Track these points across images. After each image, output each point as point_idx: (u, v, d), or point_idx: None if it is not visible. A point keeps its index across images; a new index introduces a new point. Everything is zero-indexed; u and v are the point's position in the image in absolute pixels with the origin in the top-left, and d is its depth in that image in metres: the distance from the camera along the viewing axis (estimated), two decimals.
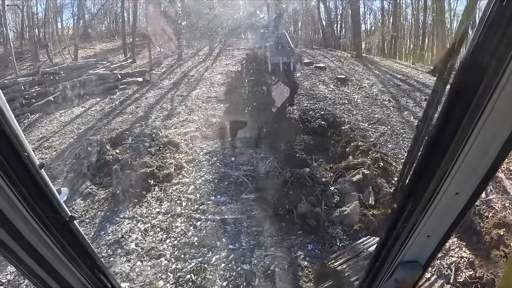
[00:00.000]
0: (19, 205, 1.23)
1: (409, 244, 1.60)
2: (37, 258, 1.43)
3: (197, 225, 8.01)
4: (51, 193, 1.35)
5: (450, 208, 1.39)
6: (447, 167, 1.24)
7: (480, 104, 1.05)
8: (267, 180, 9.00)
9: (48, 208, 1.35)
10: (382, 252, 1.75)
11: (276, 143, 10.78)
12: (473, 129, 1.10)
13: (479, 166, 1.21)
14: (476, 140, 1.13)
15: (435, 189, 1.32)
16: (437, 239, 1.56)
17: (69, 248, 1.51)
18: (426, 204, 1.39)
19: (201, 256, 7.14)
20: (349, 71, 20.09)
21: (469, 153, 1.17)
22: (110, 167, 9.95)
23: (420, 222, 1.47)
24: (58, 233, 1.42)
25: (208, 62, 22.82)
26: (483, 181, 1.26)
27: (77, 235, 1.55)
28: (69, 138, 13.40)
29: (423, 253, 1.66)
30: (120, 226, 8.15)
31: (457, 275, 6.57)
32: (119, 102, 16.89)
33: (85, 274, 1.67)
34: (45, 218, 1.34)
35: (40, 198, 1.30)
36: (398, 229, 1.58)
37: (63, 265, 1.55)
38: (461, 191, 1.31)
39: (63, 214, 1.43)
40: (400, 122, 13.29)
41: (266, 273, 6.64)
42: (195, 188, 9.31)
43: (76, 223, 1.52)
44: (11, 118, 1.16)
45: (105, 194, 9.34)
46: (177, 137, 11.99)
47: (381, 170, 9.47)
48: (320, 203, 8.19)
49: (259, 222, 7.96)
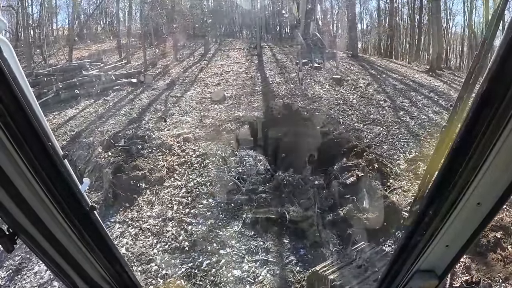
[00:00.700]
0: (42, 194, 1.26)
1: (427, 253, 1.58)
2: (56, 246, 1.48)
3: (188, 229, 7.89)
4: (73, 183, 1.38)
5: (471, 218, 1.37)
6: (470, 176, 1.20)
7: (505, 114, 1.02)
8: (259, 183, 8.89)
9: (69, 197, 1.38)
10: (399, 259, 1.72)
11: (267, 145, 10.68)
12: (498, 139, 1.08)
13: (502, 177, 1.18)
14: (500, 151, 1.10)
15: (456, 198, 1.30)
16: (456, 249, 1.54)
17: (88, 238, 1.54)
18: (447, 213, 1.37)
19: (191, 261, 7.03)
20: (345, 71, 20.02)
21: (492, 164, 1.14)
22: (102, 170, 9.83)
23: (440, 231, 1.45)
24: (78, 222, 1.46)
25: (203, 63, 22.72)
26: (506, 192, 1.22)
27: (96, 225, 1.56)
28: (62, 140, 13.26)
29: (440, 263, 1.64)
30: (110, 231, 8.02)
31: (453, 280, 6.49)
32: (113, 104, 16.80)
33: (103, 265, 1.70)
34: (67, 207, 1.37)
35: (62, 187, 1.32)
36: (416, 237, 1.56)
37: (82, 254, 1.59)
38: (483, 202, 1.28)
39: (84, 204, 1.45)
40: (395, 123, 13.19)
41: (256, 279, 6.52)
42: (186, 191, 9.19)
43: (96, 214, 1.54)
44: (38, 110, 1.22)
45: (96, 197, 9.21)
46: (170, 139, 11.87)
47: (376, 172, 9.35)
48: (313, 207, 8.07)
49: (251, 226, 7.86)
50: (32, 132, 1.13)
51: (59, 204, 1.33)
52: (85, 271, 1.66)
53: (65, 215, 1.38)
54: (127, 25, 28.02)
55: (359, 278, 5.01)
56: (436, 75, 21.05)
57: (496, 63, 0.98)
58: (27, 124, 1.11)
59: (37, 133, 1.15)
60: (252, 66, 21.41)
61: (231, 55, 24.34)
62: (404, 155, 10.76)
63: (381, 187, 8.73)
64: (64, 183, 1.32)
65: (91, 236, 1.54)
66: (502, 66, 0.97)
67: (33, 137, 1.14)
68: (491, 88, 1.02)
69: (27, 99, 1.10)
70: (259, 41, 25.90)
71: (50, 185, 1.26)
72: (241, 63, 21.94)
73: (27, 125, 1.11)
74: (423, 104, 15.21)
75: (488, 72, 1.01)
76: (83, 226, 1.48)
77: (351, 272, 5.12)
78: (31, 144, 1.14)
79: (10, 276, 7.06)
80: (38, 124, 1.15)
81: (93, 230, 1.55)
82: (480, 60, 5.54)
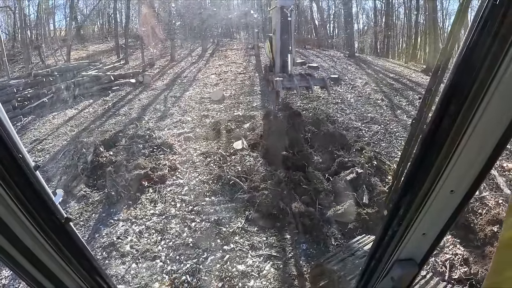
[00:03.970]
0: (14, 207, 1.23)
1: (404, 242, 1.61)
2: (32, 260, 1.43)
3: (191, 226, 7.99)
4: (46, 195, 1.35)
5: (445, 206, 1.41)
6: (442, 165, 1.25)
7: (474, 103, 1.07)
8: (261, 180, 8.99)
9: (43, 210, 1.35)
10: (378, 250, 1.77)
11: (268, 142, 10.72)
12: (468, 127, 1.12)
13: (473, 164, 1.23)
14: (470, 138, 1.14)
15: (430, 187, 1.34)
16: (433, 236, 1.58)
17: (64, 250, 1.50)
18: (421, 202, 1.41)
19: (196, 257, 7.12)
20: (342, 70, 20.15)
21: (463, 151, 1.19)
22: (104, 169, 9.91)
23: (416, 220, 1.49)
24: (53, 235, 1.42)
25: (201, 63, 22.78)
26: (478, 178, 1.27)
27: (73, 237, 1.54)
28: (62, 140, 13.32)
29: (418, 251, 1.68)
30: (114, 229, 8.10)
31: (452, 271, 6.60)
32: (112, 104, 16.85)
33: (81, 275, 1.67)
34: (41, 219, 1.34)
35: (35, 200, 1.29)
36: (393, 227, 1.60)
37: (59, 267, 1.55)
38: (456, 189, 1.33)
39: (59, 215, 1.43)
40: (393, 121, 13.34)
41: (261, 273, 6.62)
42: (189, 189, 9.29)
43: (71, 225, 1.51)
44: (6, 120, 1.16)
45: (99, 196, 9.28)
46: (170, 138, 11.97)
47: (374, 168, 9.50)
48: (314, 203, 8.20)
49: (253, 222, 7.96)
50: (1, 144, 1.11)
51: (33, 217, 1.31)
52: (63, 283, 1.63)
53: (39, 228, 1.36)
54: (124, 25, 28.00)
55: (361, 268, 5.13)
56: None
57: (462, 55, 1.05)
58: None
59: (6, 145, 1.12)
60: (250, 66, 21.52)
61: (229, 55, 24.44)
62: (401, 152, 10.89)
63: (380, 183, 8.89)
64: (36, 195, 1.30)
65: (68, 247, 1.52)
66: (468, 58, 1.04)
67: (2, 150, 1.11)
68: (458, 80, 1.09)
69: None
70: (256, 41, 26.01)
71: (22, 198, 1.23)
72: (239, 63, 22.04)
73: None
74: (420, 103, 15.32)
75: (455, 63, 1.09)
76: (59, 238, 1.46)
77: (354, 263, 5.24)
78: (0, 156, 1.12)
79: (14, 276, 7.09)
80: (7, 134, 1.12)
81: (70, 241, 1.53)
82: (447, 53, 5.70)
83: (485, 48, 0.99)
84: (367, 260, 1.91)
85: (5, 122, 1.14)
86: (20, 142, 1.22)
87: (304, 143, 10.30)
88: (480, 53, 1.01)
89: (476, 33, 1.00)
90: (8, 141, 1.12)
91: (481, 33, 0.99)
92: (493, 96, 1.04)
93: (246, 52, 24.91)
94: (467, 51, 1.04)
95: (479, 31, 0.99)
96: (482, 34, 0.99)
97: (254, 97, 16.16)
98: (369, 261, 1.89)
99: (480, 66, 1.01)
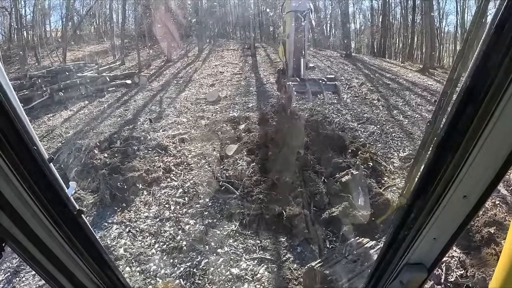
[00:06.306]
0: (28, 198, 1.26)
1: (415, 246, 1.60)
2: (44, 251, 1.47)
3: (185, 229, 7.94)
4: (60, 187, 1.38)
5: (457, 210, 1.39)
6: (455, 169, 1.23)
7: (490, 106, 1.05)
8: (254, 184, 8.96)
9: (56, 202, 1.38)
10: (388, 253, 1.75)
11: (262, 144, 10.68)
12: (483, 132, 1.10)
13: (487, 170, 1.21)
14: (485, 143, 1.12)
15: (442, 191, 1.32)
16: (444, 241, 1.56)
17: (76, 242, 1.54)
18: (434, 206, 1.40)
19: (190, 260, 7.07)
20: (339, 70, 20.12)
21: (478, 156, 1.17)
22: (98, 172, 9.85)
23: (427, 224, 1.48)
24: (66, 227, 1.46)
25: (197, 64, 22.74)
26: (491, 184, 1.25)
27: (85, 229, 1.57)
28: (57, 142, 13.24)
29: (428, 256, 1.66)
30: (108, 232, 8.06)
31: (448, 274, 6.56)
32: (107, 105, 16.79)
33: (92, 268, 1.71)
34: (54, 211, 1.37)
35: (48, 191, 1.32)
36: (404, 231, 1.59)
37: (71, 259, 1.59)
38: (469, 194, 1.31)
39: (71, 207, 1.46)
40: (389, 121, 13.29)
41: (255, 277, 6.58)
42: (183, 191, 9.24)
43: (84, 217, 1.55)
44: (21, 112, 1.19)
45: (93, 199, 9.25)
46: (165, 140, 11.90)
47: (370, 170, 9.46)
48: (309, 205, 8.15)
49: (247, 225, 7.92)
50: (16, 136, 1.12)
51: (46, 209, 1.33)
52: (74, 275, 1.66)
53: (52, 220, 1.38)
54: (120, 26, 27.94)
55: (354, 272, 5.09)
56: (429, 74, 21.24)
57: (479, 58, 1.03)
58: (11, 128, 1.10)
59: (22, 137, 1.14)
60: (246, 66, 21.49)
61: (225, 55, 24.41)
62: (397, 153, 10.86)
63: (375, 184, 8.84)
64: (50, 187, 1.32)
65: (79, 239, 1.55)
66: (485, 62, 1.02)
67: (17, 141, 1.13)
68: (474, 83, 1.06)
69: (10, 102, 1.09)
70: (252, 41, 25.99)
71: (36, 190, 1.26)
72: (235, 64, 22.01)
73: (11, 129, 1.10)
74: (416, 103, 15.35)
75: (471, 68, 1.06)
76: (71, 230, 1.49)
77: (346, 266, 5.20)
78: (16, 148, 1.13)
79: (9, 279, 7.05)
80: (22, 127, 1.14)
81: (81, 233, 1.56)
82: (463, 56, 5.63)
83: (502, 51, 0.97)
84: (376, 262, 1.90)
85: (20, 115, 1.15)
86: (35, 134, 1.24)
87: (301, 146, 10.23)
88: (497, 56, 0.98)
89: (493, 36, 0.98)
90: (24, 133, 1.15)
91: (498, 36, 0.97)
92: (509, 100, 1.02)
93: (243, 52, 24.88)
94: (484, 54, 1.02)
95: (496, 35, 0.97)
96: (500, 37, 0.97)
97: (249, 97, 16.10)
98: (378, 264, 1.88)
99: (497, 70, 0.99)
